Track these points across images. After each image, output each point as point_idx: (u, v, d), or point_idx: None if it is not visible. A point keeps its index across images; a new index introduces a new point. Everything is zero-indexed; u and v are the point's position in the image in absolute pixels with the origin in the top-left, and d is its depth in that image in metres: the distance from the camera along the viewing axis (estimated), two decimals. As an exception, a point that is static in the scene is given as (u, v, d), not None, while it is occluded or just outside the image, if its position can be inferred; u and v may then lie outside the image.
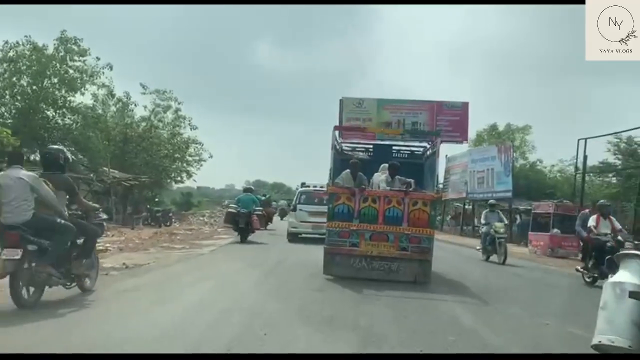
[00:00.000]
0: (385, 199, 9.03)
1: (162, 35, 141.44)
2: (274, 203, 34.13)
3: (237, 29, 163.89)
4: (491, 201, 16.92)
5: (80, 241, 6.44)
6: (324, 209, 15.74)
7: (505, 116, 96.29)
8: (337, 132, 10.83)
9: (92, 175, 24.43)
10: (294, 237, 17.96)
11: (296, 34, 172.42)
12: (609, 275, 4.84)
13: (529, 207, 25.73)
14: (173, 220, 27.67)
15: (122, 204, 27.78)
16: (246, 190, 19.32)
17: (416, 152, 12.35)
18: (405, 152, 12.43)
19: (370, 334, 5.13)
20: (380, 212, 8.96)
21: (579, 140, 22.42)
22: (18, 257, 5.50)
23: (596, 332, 3.99)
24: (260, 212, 18.53)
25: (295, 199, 19.34)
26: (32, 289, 5.75)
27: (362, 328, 5.37)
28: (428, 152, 11.65)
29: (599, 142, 24.20)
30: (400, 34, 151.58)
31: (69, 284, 6.33)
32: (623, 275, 4.07)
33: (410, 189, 9.40)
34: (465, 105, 42.82)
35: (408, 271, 8.84)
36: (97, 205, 7.89)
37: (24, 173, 5.92)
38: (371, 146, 12.60)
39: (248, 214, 16.96)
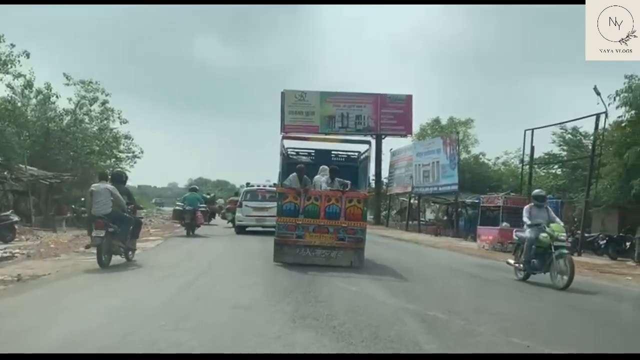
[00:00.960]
0: (326, 197, 10.65)
1: (92, 24, 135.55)
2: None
3: (175, 23, 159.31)
4: (537, 191, 11.46)
5: (131, 228, 10.36)
6: (266, 204, 18.84)
7: (447, 111, 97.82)
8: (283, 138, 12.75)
9: (6, 173, 22.02)
10: (240, 230, 20.31)
11: (236, 30, 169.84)
12: None
13: (476, 201, 25.25)
14: (103, 221, 25.55)
15: (46, 205, 25.37)
16: (191, 189, 21.24)
17: (352, 156, 14.02)
18: (343, 156, 14.14)
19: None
20: (322, 208, 10.54)
21: (525, 131, 22.19)
22: (102, 235, 9.23)
23: None
24: (204, 209, 20.75)
25: (241, 196, 21.48)
26: (106, 256, 9.47)
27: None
28: (362, 157, 13.34)
29: (544, 133, 24.09)
30: (342, 31, 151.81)
31: (123, 254, 10.16)
32: None
33: (347, 189, 10.96)
34: (408, 98, 42.53)
35: (345, 258, 10.46)
36: (142, 206, 13.32)
37: (107, 185, 9.96)
38: (313, 151, 14.33)
39: (193, 211, 19.00)
